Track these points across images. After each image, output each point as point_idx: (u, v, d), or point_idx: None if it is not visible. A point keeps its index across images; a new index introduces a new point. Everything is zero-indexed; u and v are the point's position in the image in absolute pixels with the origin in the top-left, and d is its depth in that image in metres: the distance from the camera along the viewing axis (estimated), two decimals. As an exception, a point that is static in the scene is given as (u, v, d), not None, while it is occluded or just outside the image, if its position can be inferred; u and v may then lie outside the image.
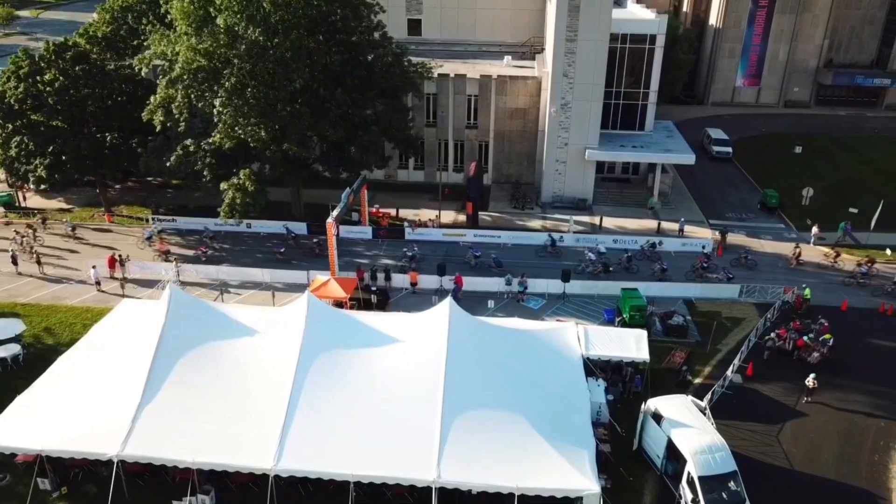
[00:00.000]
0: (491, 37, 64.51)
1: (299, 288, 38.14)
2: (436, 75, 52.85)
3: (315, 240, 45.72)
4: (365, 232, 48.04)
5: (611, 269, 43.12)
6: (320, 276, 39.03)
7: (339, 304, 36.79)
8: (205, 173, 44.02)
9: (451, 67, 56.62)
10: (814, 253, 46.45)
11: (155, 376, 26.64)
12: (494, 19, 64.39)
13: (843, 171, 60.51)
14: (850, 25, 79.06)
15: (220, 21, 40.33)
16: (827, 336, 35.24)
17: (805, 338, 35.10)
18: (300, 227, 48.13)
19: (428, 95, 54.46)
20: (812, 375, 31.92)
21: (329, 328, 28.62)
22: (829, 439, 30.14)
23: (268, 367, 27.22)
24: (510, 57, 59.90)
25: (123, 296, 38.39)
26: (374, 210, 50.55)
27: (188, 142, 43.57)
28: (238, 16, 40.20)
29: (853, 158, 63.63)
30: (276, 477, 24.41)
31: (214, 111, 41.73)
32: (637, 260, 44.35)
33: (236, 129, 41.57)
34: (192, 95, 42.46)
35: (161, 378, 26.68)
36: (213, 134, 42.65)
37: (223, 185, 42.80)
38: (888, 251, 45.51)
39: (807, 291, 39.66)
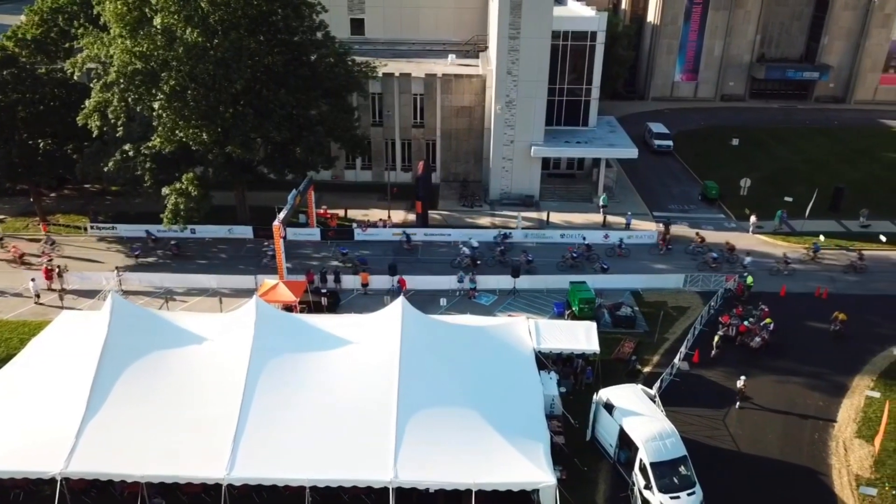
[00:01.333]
0: (434, 35, 64.58)
1: (247, 293, 37.52)
2: (380, 74, 52.61)
3: (173, 241, 45.40)
4: (313, 234, 47.53)
5: (478, 262, 43.66)
6: (269, 280, 38.43)
7: (288, 307, 36.31)
8: (146, 179, 42.84)
9: (395, 66, 56.46)
10: (753, 241, 48.02)
11: (98, 389, 25.81)
12: (437, 18, 64.49)
13: (777, 162, 62.71)
14: (779, 21, 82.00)
15: (156, 22, 39.27)
16: (767, 321, 36.47)
17: (746, 322, 36.28)
18: (246, 231, 47.35)
19: (373, 95, 54.22)
20: (742, 378, 31.84)
21: (279, 332, 28.21)
22: (771, 421, 31.19)
23: (217, 375, 26.69)
24: (454, 55, 60.10)
25: (62, 308, 37.03)
26: (321, 211, 50.05)
27: (127, 147, 42.29)
28: (175, 16, 39.22)
29: (786, 149, 66.02)
30: (230, 486, 23.94)
31: (154, 114, 40.65)
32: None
33: (177, 132, 40.57)
34: (130, 99, 41.24)
35: (105, 390, 25.87)
36: (152, 138, 41.53)
37: (165, 191, 41.73)
38: (821, 237, 47.37)
39: (749, 279, 40.90)
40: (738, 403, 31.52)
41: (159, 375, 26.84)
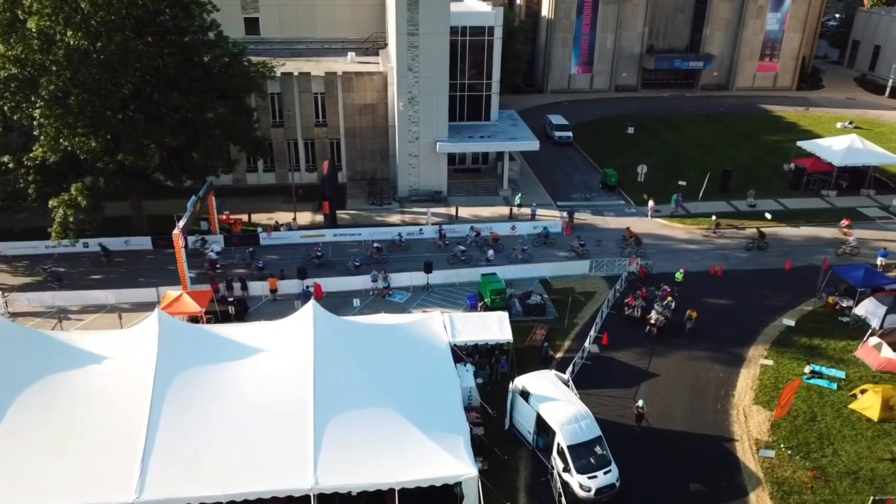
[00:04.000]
0: (332, 33, 63.73)
1: (149, 307, 35.78)
2: (279, 74, 51.45)
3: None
4: (216, 241, 45.91)
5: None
6: (171, 292, 36.83)
7: (194, 319, 34.97)
8: (29, 191, 40.08)
9: (294, 66, 55.36)
10: (652, 225, 50.16)
11: (-13, 420, 23.97)
12: (335, 15, 63.66)
13: (670, 148, 65.74)
14: (665, 14, 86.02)
15: (31, 25, 36.74)
16: (669, 299, 38.19)
17: (653, 311, 37.48)
18: (144, 242, 45.23)
19: (272, 95, 52.96)
20: (641, 401, 30.14)
21: (185, 345, 27.06)
22: (678, 395, 32.70)
23: (120, 394, 25.31)
24: (354, 53, 59.53)
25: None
26: (224, 217, 48.42)
27: (6, 158, 39.43)
28: (52, 18, 36.81)
29: (677, 135, 69.31)
30: (142, 509, 22.80)
31: (34, 123, 38.07)
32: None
33: (61, 140, 38.18)
34: (6, 107, 38.47)
35: (-7, 421, 24.05)
36: (34, 148, 38.92)
37: (52, 203, 39.18)
38: (713, 218, 50.04)
39: (678, 275, 41.11)
40: (636, 427, 29.92)
41: (55, 399, 25.19)
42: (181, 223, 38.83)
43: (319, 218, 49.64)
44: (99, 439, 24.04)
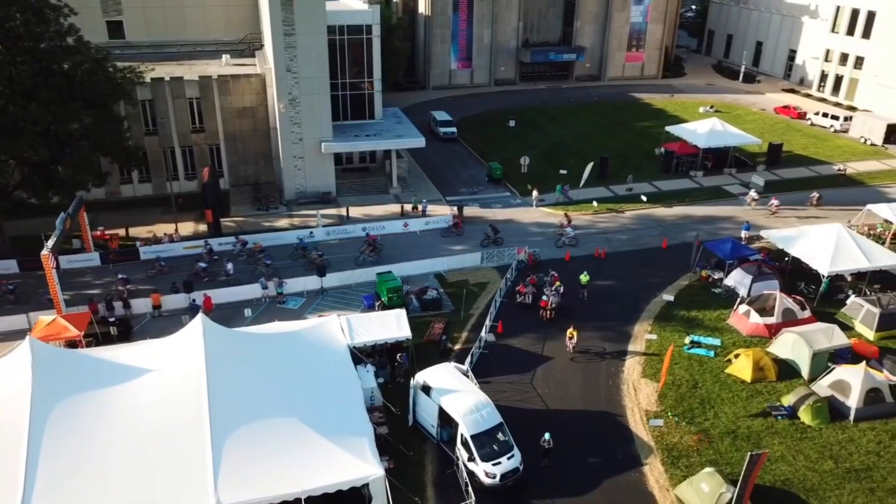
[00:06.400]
0: (204, 35, 61.41)
1: (20, 334, 33.19)
2: (148, 80, 48.99)
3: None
4: (92, 259, 43.24)
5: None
6: (44, 317, 34.31)
7: (72, 343, 32.83)
8: None
9: (165, 70, 52.92)
10: (537, 214, 51.84)
11: None
12: (206, 17, 61.34)
13: (550, 138, 68.06)
14: (538, 8, 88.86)
15: None
16: (557, 284, 39.64)
17: (549, 297, 38.63)
18: (9, 265, 41.89)
19: (143, 102, 50.41)
20: (547, 435, 28.29)
21: (63, 373, 25.34)
22: (572, 375, 34.02)
23: (-9, 432, 23.42)
24: (228, 55, 57.61)
25: None
26: (98, 233, 45.65)
27: None
28: None
29: (556, 126, 71.87)
30: (25, 553, 21.24)
31: None
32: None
33: None
34: None
35: None
36: None
37: None
38: (594, 203, 52.38)
39: (584, 278, 40.30)
40: (543, 462, 28.24)
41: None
42: (50, 243, 36.28)
43: (203, 227, 47.80)
44: (-30, 483, 22.16)
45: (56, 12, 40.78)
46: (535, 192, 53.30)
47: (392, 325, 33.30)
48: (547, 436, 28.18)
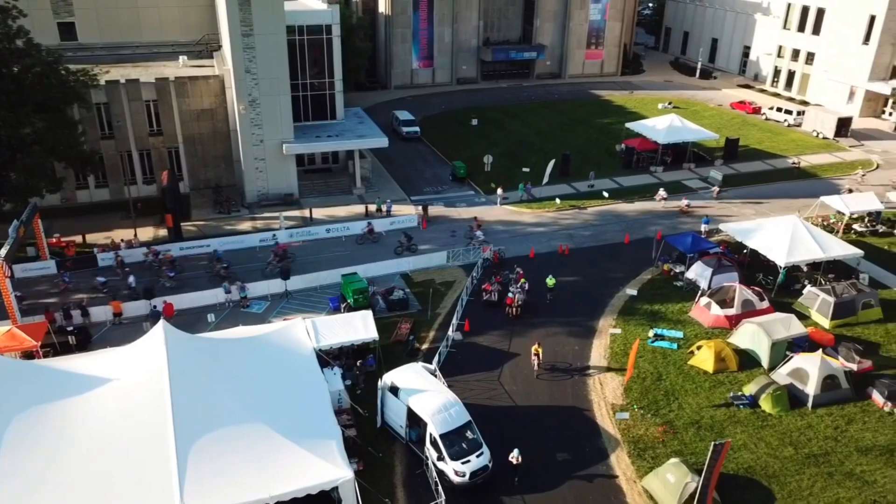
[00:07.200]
0: (160, 36, 60.25)
1: (-27, 346, 32.25)
2: (103, 82, 47.91)
3: None
4: (47, 267, 42.15)
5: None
6: (-1, 328, 33.41)
7: (28, 354, 31.98)
8: None
9: (120, 72, 51.83)
10: (501, 212, 52.10)
11: None
12: (161, 18, 60.17)
13: (512, 136, 68.43)
14: (497, 7, 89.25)
15: None
16: (523, 281, 39.90)
17: (515, 295, 38.80)
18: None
19: (98, 105, 49.20)
20: (515, 451, 27.40)
21: (19, 385, 24.76)
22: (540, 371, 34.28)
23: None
24: (186, 57, 56.69)
25: None
26: (54, 240, 44.50)
27: None
28: None
29: (518, 124, 72.29)
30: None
31: None
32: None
33: None
34: None
35: None
36: None
37: None
38: (557, 200, 52.85)
39: (550, 281, 39.94)
40: (516, 480, 27.37)
41: None
42: (3, 251, 35.25)
43: (163, 232, 46.96)
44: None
45: (4, 14, 39.68)
46: (499, 190, 53.53)
47: (358, 327, 33.14)
48: (515, 452, 27.30)
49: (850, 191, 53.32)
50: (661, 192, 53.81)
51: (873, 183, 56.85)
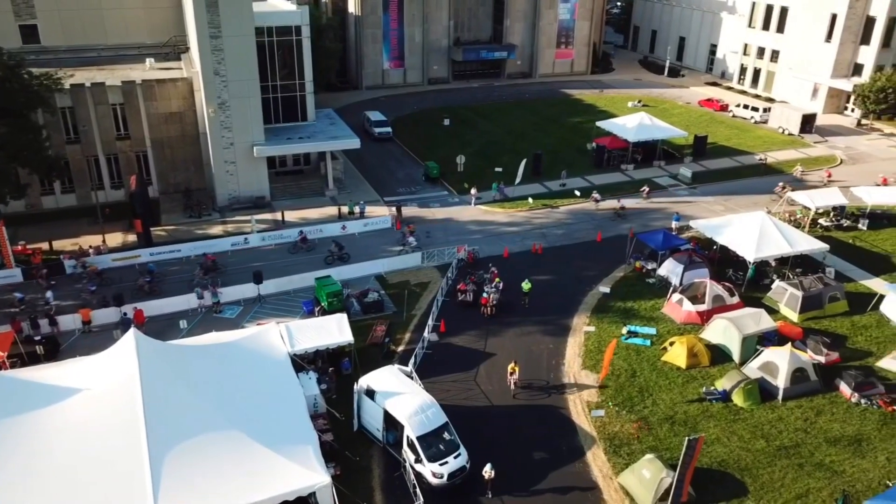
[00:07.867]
0: (126, 39, 59.46)
1: (-64, 358, 31.48)
2: (67, 86, 47.02)
3: None
4: (13, 275, 41.23)
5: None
6: (-37, 339, 32.64)
7: (-5, 365, 31.27)
8: None
9: (85, 76, 50.96)
10: (475, 212, 52.21)
11: None
12: (126, 20, 59.35)
13: (484, 136, 68.58)
14: (468, 7, 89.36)
15: None
16: (497, 280, 40.02)
17: (489, 294, 38.84)
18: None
19: (63, 109, 48.33)
20: (488, 466, 26.81)
21: (-14, 397, 24.20)
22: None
23: None
24: (153, 59, 55.88)
25: None
26: (19, 248, 43.56)
27: None
28: None
29: (490, 123, 72.47)
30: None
31: None
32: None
33: None
34: None
35: None
36: None
37: None
38: (530, 200, 53.10)
39: (525, 286, 39.53)
40: (488, 493, 26.93)
41: None
42: (-34, 260, 34.47)
43: (132, 238, 46.23)
44: None
45: (-37, 17, 38.76)
46: (473, 190, 53.62)
47: (333, 330, 32.99)
48: (488, 466, 26.70)
49: (784, 187, 54.34)
50: (595, 195, 53.67)
51: (838, 179, 58.05)
